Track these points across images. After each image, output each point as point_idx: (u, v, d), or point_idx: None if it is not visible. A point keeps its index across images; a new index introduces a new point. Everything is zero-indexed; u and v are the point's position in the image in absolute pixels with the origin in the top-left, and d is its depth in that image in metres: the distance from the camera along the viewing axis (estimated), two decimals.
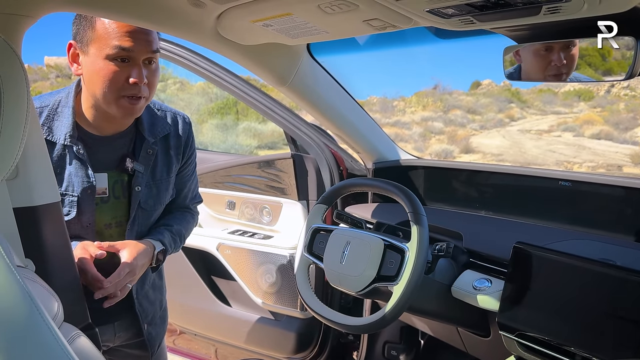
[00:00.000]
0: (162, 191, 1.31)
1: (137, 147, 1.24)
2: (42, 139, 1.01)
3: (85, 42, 1.10)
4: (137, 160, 1.23)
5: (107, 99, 1.11)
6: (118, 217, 1.26)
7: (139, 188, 1.24)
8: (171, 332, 2.47)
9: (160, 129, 1.28)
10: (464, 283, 1.31)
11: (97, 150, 1.19)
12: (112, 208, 1.24)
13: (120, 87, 1.10)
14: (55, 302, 0.77)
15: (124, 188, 1.24)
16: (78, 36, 1.12)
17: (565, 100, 27.70)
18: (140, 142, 1.24)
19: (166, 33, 1.15)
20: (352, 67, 3.77)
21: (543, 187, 1.53)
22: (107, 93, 1.10)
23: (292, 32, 1.06)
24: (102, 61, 1.08)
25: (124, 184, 1.24)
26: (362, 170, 1.93)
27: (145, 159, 1.24)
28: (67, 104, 1.17)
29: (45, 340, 0.53)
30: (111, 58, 1.08)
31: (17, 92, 0.58)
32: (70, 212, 1.18)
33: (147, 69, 1.13)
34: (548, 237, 1.33)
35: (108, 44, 1.07)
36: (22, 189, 0.97)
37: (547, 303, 1.14)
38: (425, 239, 1.21)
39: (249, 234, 2.06)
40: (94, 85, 1.11)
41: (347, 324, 1.31)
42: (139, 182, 1.24)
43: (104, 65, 1.08)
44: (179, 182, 1.39)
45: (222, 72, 1.78)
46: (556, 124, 21.12)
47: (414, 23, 0.92)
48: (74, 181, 1.16)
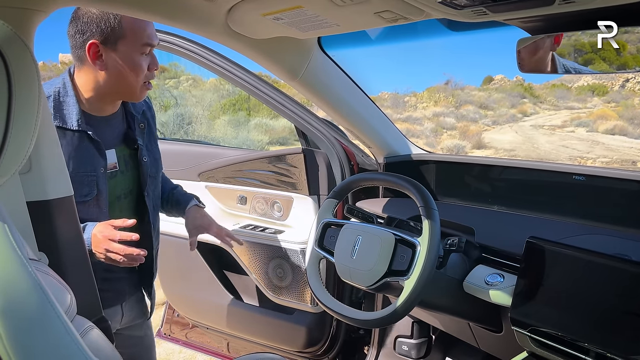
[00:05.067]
0: (158, 159, 1.51)
1: (130, 124, 1.42)
2: (54, 133, 1.02)
3: (113, 40, 1.23)
4: (135, 134, 1.41)
5: (134, 87, 1.29)
6: (125, 189, 1.42)
7: (145, 158, 1.43)
8: (184, 325, 2.49)
9: (139, 105, 1.46)
10: (476, 278, 1.30)
11: (102, 131, 1.34)
12: (120, 181, 1.39)
13: (145, 75, 1.30)
14: (68, 295, 0.77)
15: (127, 161, 1.41)
16: (100, 35, 1.23)
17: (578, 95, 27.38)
18: (131, 119, 1.42)
19: (177, 27, 1.15)
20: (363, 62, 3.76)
21: (556, 182, 1.51)
22: (138, 81, 1.28)
23: (303, 26, 1.06)
24: (137, 55, 1.26)
25: (126, 158, 1.40)
26: (373, 165, 1.93)
27: (141, 132, 1.44)
28: (67, 93, 1.28)
29: (57, 332, 0.53)
30: (142, 53, 1.27)
31: (28, 86, 0.59)
32: (91, 192, 1.29)
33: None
34: (561, 232, 1.32)
35: (140, 41, 1.25)
36: (35, 183, 0.98)
37: (560, 298, 1.13)
38: (437, 233, 1.20)
39: (260, 228, 2.06)
40: (126, 78, 1.27)
41: (358, 318, 1.30)
42: (144, 153, 1.42)
43: (138, 59, 1.26)
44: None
45: (233, 68, 1.78)
46: (569, 119, 20.90)
47: (426, 15, 0.91)
48: (92, 161, 1.30)
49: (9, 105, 0.57)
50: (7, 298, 0.51)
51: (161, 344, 2.96)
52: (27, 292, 0.53)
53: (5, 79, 0.57)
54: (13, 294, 0.52)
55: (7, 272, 0.53)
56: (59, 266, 1.02)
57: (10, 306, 0.51)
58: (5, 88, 0.56)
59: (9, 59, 0.57)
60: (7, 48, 0.57)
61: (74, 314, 0.79)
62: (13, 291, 0.52)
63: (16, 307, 0.52)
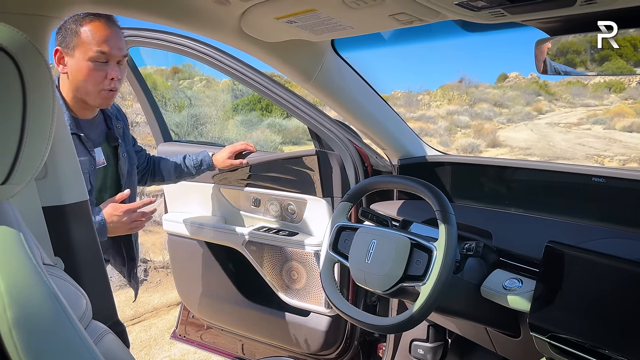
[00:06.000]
0: (133, 156, 1.69)
1: (109, 124, 1.59)
2: (70, 139, 1.03)
3: (72, 47, 1.36)
4: (115, 133, 1.59)
5: (89, 92, 1.40)
6: (108, 182, 1.60)
7: (125, 155, 1.61)
8: (198, 327, 2.50)
9: (110, 110, 1.61)
10: (493, 283, 1.28)
11: (89, 132, 1.49)
12: (105, 175, 1.58)
13: (100, 82, 1.38)
14: (83, 300, 0.78)
15: (110, 157, 1.59)
16: (64, 43, 1.37)
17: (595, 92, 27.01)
18: (109, 120, 1.59)
19: (191, 32, 1.15)
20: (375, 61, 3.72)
21: (575, 184, 1.48)
22: (90, 87, 1.39)
23: (317, 29, 1.05)
24: (86, 62, 1.36)
25: (109, 154, 1.58)
26: (388, 167, 1.91)
27: (118, 131, 1.61)
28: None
29: (72, 341, 0.53)
30: (93, 60, 1.36)
31: (42, 93, 0.59)
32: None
33: (118, 68, 1.42)
34: (581, 236, 1.29)
35: (91, 49, 1.35)
36: (51, 189, 0.99)
37: (580, 304, 1.10)
38: (454, 238, 1.18)
39: (274, 230, 2.06)
40: (79, 82, 1.38)
41: (373, 323, 1.29)
42: (123, 150, 1.61)
43: (88, 66, 1.36)
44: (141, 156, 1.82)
45: (245, 69, 1.78)
46: (586, 116, 20.63)
47: (442, 17, 0.89)
48: (84, 161, 1.43)
49: (23, 116, 0.57)
50: (22, 308, 0.51)
51: (176, 345, 2.98)
52: (42, 301, 0.53)
53: (20, 88, 0.57)
54: (27, 304, 0.52)
55: (21, 282, 0.53)
56: (75, 271, 1.02)
57: (25, 316, 0.51)
58: (20, 98, 0.56)
59: (24, 68, 0.57)
60: (22, 57, 0.57)
61: (89, 318, 0.79)
62: (27, 300, 0.52)
63: (31, 317, 0.52)
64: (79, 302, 0.76)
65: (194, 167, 1.91)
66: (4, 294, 0.51)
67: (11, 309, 0.50)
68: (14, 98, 0.56)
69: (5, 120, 0.55)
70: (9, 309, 0.50)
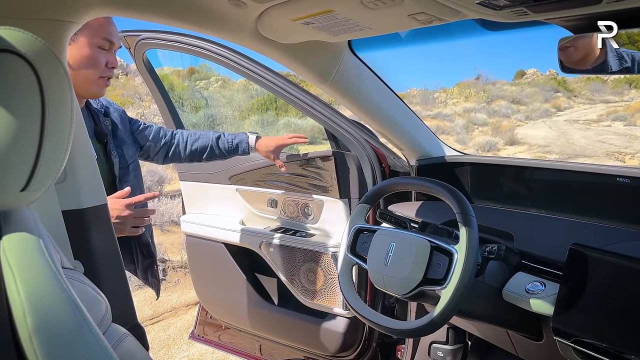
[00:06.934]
0: (129, 150, 1.62)
1: (96, 120, 1.53)
2: (88, 143, 1.03)
3: (77, 33, 1.32)
4: (104, 129, 1.53)
5: (91, 79, 1.37)
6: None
7: (114, 152, 1.55)
8: (217, 327, 2.51)
9: (97, 107, 1.55)
10: (515, 286, 1.26)
11: None
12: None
13: (101, 69, 1.37)
14: (103, 304, 0.78)
15: (98, 154, 1.51)
16: None
17: (615, 88, 26.52)
18: (96, 116, 1.53)
19: (208, 34, 1.15)
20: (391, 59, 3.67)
21: (599, 184, 1.45)
22: (92, 74, 1.36)
23: (334, 29, 1.03)
24: (90, 48, 1.34)
25: (98, 151, 1.51)
26: (405, 168, 1.89)
27: (107, 128, 1.55)
28: None
29: (90, 347, 0.53)
30: (99, 46, 1.36)
31: (60, 99, 0.58)
32: None
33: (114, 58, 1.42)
34: (606, 238, 1.26)
35: (99, 35, 1.34)
36: (70, 192, 0.99)
37: (605, 308, 1.07)
38: (475, 241, 1.16)
39: (291, 231, 2.06)
40: (80, 67, 1.35)
41: (392, 327, 1.27)
42: (112, 147, 1.55)
43: (93, 52, 1.35)
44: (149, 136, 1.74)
45: (261, 70, 1.77)
46: (605, 113, 20.27)
47: (462, 16, 0.88)
48: None
49: (42, 122, 0.57)
50: (42, 315, 0.51)
51: (194, 344, 3.00)
52: (61, 308, 0.53)
53: (39, 94, 0.56)
54: (47, 311, 0.52)
55: (41, 289, 0.53)
56: (94, 274, 1.03)
57: (45, 323, 0.51)
58: (38, 104, 0.56)
59: (42, 73, 0.57)
60: (39, 63, 0.56)
61: (109, 322, 0.79)
62: (47, 307, 0.52)
63: (50, 324, 0.52)
64: (99, 306, 0.76)
65: (226, 151, 1.83)
66: (24, 301, 0.51)
67: (31, 316, 0.50)
68: (32, 104, 0.56)
69: (24, 127, 0.55)
70: (29, 316, 0.50)
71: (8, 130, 0.54)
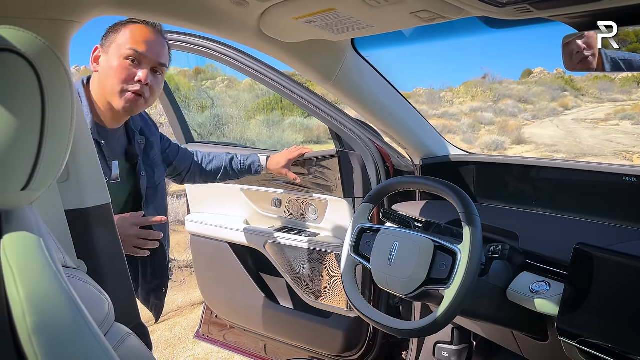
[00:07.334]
0: (157, 170, 1.56)
1: (131, 139, 1.47)
2: (92, 143, 1.03)
3: (108, 44, 1.30)
4: (136, 150, 1.47)
5: (114, 91, 1.30)
6: (122, 199, 1.47)
7: (143, 173, 1.49)
8: (221, 326, 2.51)
9: (136, 124, 1.51)
10: (520, 286, 1.25)
11: (109, 142, 1.39)
12: (117, 192, 1.43)
13: (127, 82, 1.29)
14: (106, 303, 0.78)
15: (126, 174, 1.47)
16: (104, 40, 1.32)
17: (623, 87, 26.34)
18: (131, 134, 1.48)
19: (210, 34, 1.15)
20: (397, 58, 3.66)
21: (605, 183, 1.44)
22: (115, 85, 1.29)
23: (336, 28, 1.03)
24: (118, 59, 1.28)
25: (126, 170, 1.47)
26: (410, 167, 1.88)
27: (139, 147, 1.49)
28: (81, 102, 1.31)
29: (90, 347, 0.53)
30: (125, 57, 1.28)
31: (61, 98, 0.58)
32: None
33: (152, 76, 1.33)
34: (611, 238, 1.25)
35: (125, 46, 1.28)
36: (73, 192, 0.99)
37: (611, 308, 1.06)
38: (479, 240, 1.15)
39: (295, 231, 2.05)
40: (107, 79, 1.30)
41: (396, 327, 1.27)
42: (142, 167, 1.49)
43: (119, 62, 1.28)
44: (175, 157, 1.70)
45: (266, 70, 1.77)
46: (613, 112, 20.14)
47: (465, 13, 0.87)
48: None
49: (42, 121, 0.57)
50: (41, 314, 0.51)
51: (200, 344, 3.01)
52: (61, 308, 0.53)
53: (39, 94, 0.57)
54: (47, 310, 0.52)
55: (41, 288, 0.53)
56: (98, 273, 1.03)
57: (44, 322, 0.51)
58: (38, 104, 0.56)
59: (42, 73, 0.57)
60: (40, 62, 0.57)
61: (111, 321, 0.79)
62: (47, 307, 0.52)
63: (50, 324, 0.52)
64: (102, 305, 0.76)
65: (239, 171, 1.83)
66: (24, 301, 0.51)
67: (31, 316, 0.50)
68: (32, 104, 0.56)
69: (24, 126, 0.55)
70: (29, 316, 0.50)
71: (8, 130, 0.54)
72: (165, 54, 1.35)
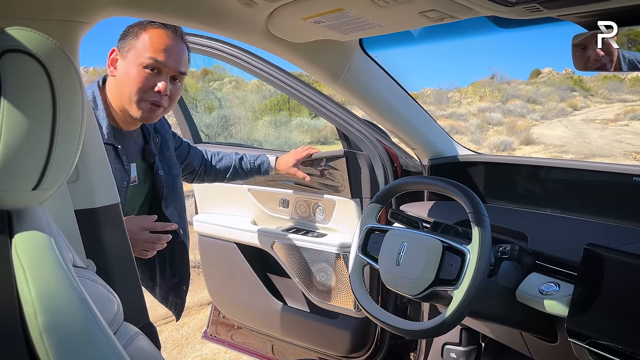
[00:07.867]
0: (173, 168, 1.54)
1: (147, 139, 1.45)
2: (101, 143, 1.04)
3: (127, 49, 1.25)
4: (153, 149, 1.45)
5: (131, 100, 1.26)
6: (140, 200, 1.47)
7: (161, 172, 1.47)
8: (229, 327, 2.52)
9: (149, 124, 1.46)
10: (529, 287, 1.24)
11: (126, 146, 1.37)
12: (136, 193, 1.43)
13: (146, 92, 1.25)
14: (115, 303, 0.78)
15: (144, 174, 1.45)
16: (122, 44, 1.27)
17: (633, 87, 26.11)
18: (147, 133, 1.45)
19: (219, 34, 1.15)
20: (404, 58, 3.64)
21: (615, 183, 1.42)
22: (133, 95, 1.25)
23: (344, 28, 1.03)
24: (137, 67, 1.24)
25: (144, 171, 1.45)
26: (418, 167, 1.88)
27: (156, 146, 1.47)
28: (97, 106, 1.30)
29: (101, 347, 0.54)
30: (144, 66, 1.24)
31: (72, 99, 0.59)
32: None
33: (172, 84, 1.29)
34: (622, 238, 1.24)
35: (145, 54, 1.23)
36: (82, 192, 1.00)
37: (621, 310, 1.06)
38: (488, 240, 1.15)
39: (303, 231, 2.05)
40: (124, 87, 1.26)
41: (405, 328, 1.26)
42: (159, 167, 1.47)
43: (137, 71, 1.24)
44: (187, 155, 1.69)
45: (273, 70, 1.77)
46: (623, 112, 19.98)
47: (474, 13, 0.87)
48: (115, 175, 1.27)
49: (53, 121, 0.57)
50: (52, 313, 0.52)
51: (207, 344, 3.01)
52: (72, 307, 0.54)
53: (50, 94, 0.57)
54: (58, 309, 0.52)
55: (52, 287, 0.53)
56: (107, 273, 1.04)
57: (56, 322, 0.52)
58: (49, 104, 0.57)
59: (53, 73, 0.57)
60: (51, 63, 0.57)
61: (120, 321, 0.80)
62: (58, 306, 0.53)
63: (61, 322, 0.52)
64: (111, 305, 0.77)
65: (248, 171, 1.83)
66: (35, 300, 0.51)
67: (42, 314, 0.51)
68: (43, 104, 0.56)
69: (35, 126, 0.55)
70: (40, 315, 0.51)
71: (19, 130, 0.54)
72: (185, 61, 1.31)
